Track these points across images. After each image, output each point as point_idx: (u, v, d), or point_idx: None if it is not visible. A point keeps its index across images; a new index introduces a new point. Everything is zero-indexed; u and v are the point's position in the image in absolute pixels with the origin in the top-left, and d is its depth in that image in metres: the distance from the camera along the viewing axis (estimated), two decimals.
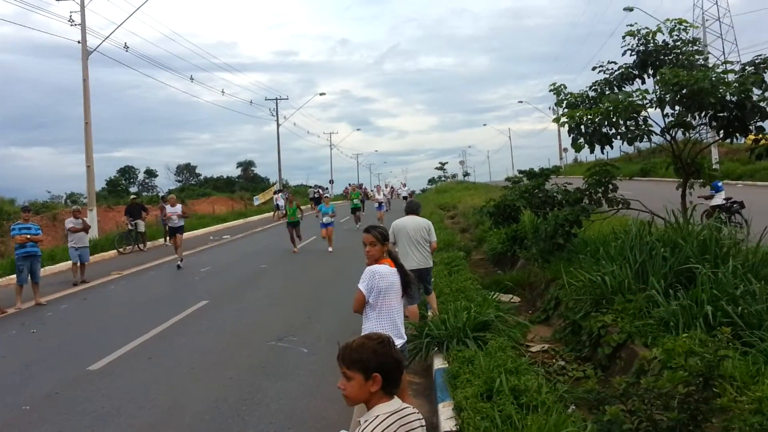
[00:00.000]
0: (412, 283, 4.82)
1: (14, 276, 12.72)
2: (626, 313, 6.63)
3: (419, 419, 2.44)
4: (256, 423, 5.80)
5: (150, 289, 13.90)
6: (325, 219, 19.79)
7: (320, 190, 46.01)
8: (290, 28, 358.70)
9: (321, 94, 60.80)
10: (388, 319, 4.65)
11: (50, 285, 14.52)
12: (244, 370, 7.51)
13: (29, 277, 12.49)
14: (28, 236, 12.57)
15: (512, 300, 9.71)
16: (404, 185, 49.94)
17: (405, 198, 40.81)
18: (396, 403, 2.39)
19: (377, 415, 2.34)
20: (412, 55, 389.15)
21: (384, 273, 4.64)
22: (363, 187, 44.30)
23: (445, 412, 5.29)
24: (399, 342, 4.65)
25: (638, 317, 6.45)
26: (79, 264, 15.50)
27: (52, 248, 20.45)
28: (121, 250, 21.86)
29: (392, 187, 50.22)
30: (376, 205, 27.69)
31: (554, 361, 6.82)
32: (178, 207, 18.54)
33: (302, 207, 22.32)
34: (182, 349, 8.61)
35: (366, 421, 2.34)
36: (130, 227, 22.80)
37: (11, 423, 6.13)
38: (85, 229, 16.24)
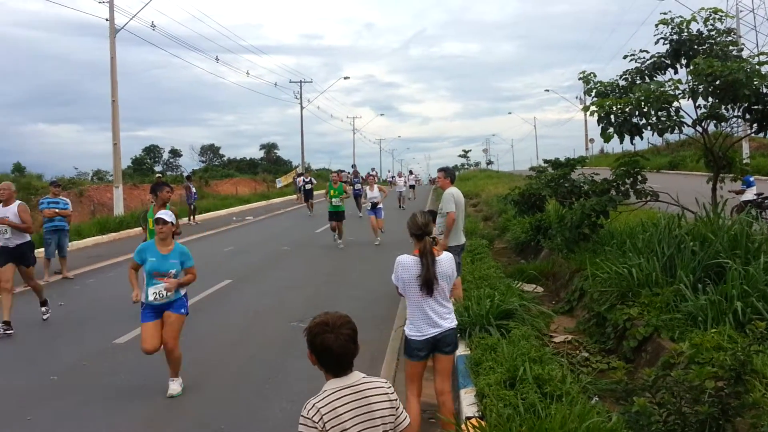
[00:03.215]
0: (435, 280, 4.48)
1: (42, 249, 12.90)
2: (653, 307, 6.55)
3: (381, 392, 2.59)
4: (279, 401, 5.85)
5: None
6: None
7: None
8: (316, 10, 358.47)
9: (345, 78, 60.27)
10: (417, 308, 4.57)
11: (77, 259, 14.73)
12: (267, 349, 7.58)
13: (56, 251, 12.68)
14: (57, 210, 12.74)
15: (536, 290, 9.66)
16: (411, 173, 46.84)
17: (412, 187, 38.87)
18: (347, 379, 2.56)
19: (324, 390, 2.54)
20: (437, 41, 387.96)
21: (407, 264, 4.56)
22: (374, 173, 36.47)
23: (467, 398, 5.28)
24: (432, 331, 4.54)
25: (665, 311, 6.37)
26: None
27: (78, 224, 20.70)
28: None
29: (411, 175, 44.16)
30: (369, 207, 17.99)
31: (578, 352, 6.78)
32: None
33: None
34: (205, 326, 8.70)
35: (315, 394, 2.55)
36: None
37: (39, 392, 6.25)
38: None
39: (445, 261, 4.62)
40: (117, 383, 6.46)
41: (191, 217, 25.31)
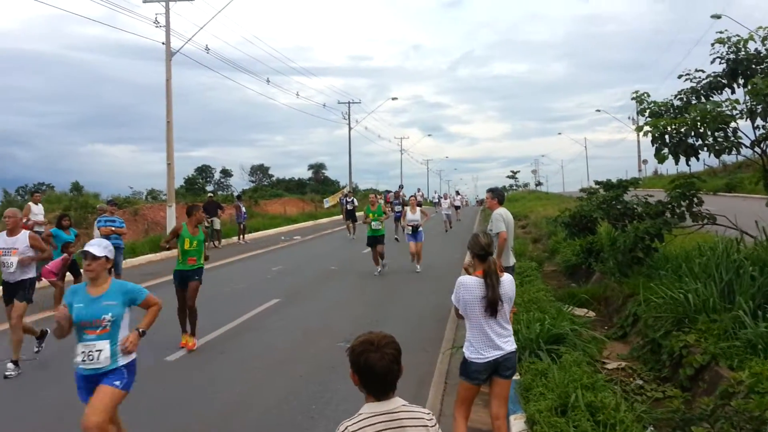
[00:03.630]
0: (501, 302, 4.44)
1: None
2: (710, 334, 6.33)
3: (420, 423, 2.49)
4: (326, 422, 5.83)
5: (224, 285, 14.24)
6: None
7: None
8: (365, 32, 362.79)
9: (393, 99, 60.69)
10: (478, 330, 4.50)
11: (131, 276, 15.08)
12: (314, 369, 7.59)
13: (112, 269, 13.00)
14: (113, 228, 13.12)
15: (587, 314, 9.44)
16: (458, 194, 46.80)
17: (458, 208, 38.86)
18: (387, 404, 2.49)
19: (360, 413, 2.49)
20: (485, 62, 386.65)
21: (469, 285, 4.50)
22: (420, 194, 31.63)
23: (517, 424, 5.19)
24: (494, 353, 4.47)
25: (723, 338, 6.14)
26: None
27: (132, 241, 21.25)
28: None
29: (456, 197, 42.90)
30: (410, 230, 15.72)
31: (632, 379, 6.59)
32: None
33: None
34: (254, 344, 8.79)
35: (351, 416, 2.49)
36: (206, 224, 23.46)
37: None
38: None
39: (507, 283, 4.58)
40: (166, 399, 6.56)
41: (241, 236, 25.72)
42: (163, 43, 24.90)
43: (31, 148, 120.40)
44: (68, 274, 12.09)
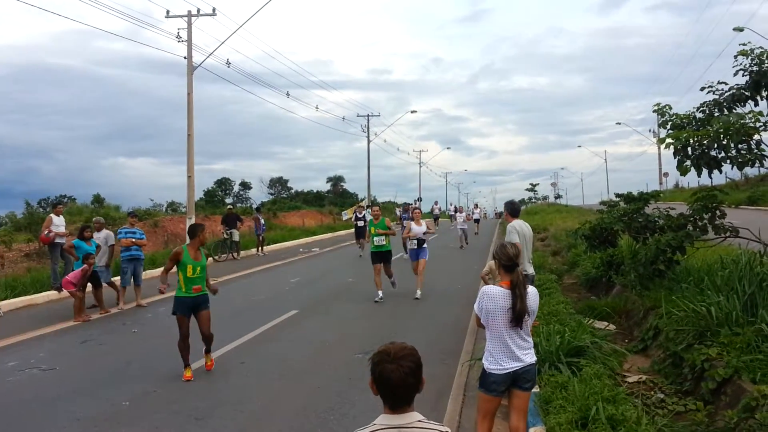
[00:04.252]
0: (527, 314, 4.43)
1: (118, 278, 13.40)
2: (733, 347, 6.24)
3: None
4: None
5: (243, 297, 14.31)
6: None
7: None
8: (385, 46, 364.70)
9: (412, 112, 61.52)
10: (498, 341, 4.47)
11: (150, 287, 15.20)
12: (332, 380, 7.59)
13: (132, 280, 13.13)
14: (134, 240, 13.25)
15: (607, 327, 9.35)
16: (477, 207, 46.45)
17: (477, 221, 38.14)
18: (402, 418, 2.43)
19: (374, 423, 2.45)
20: (505, 75, 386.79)
21: (493, 294, 4.47)
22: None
23: None
24: (513, 365, 4.44)
25: (746, 352, 6.05)
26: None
27: (152, 253, 21.42)
28: (216, 258, 22.62)
29: (475, 209, 41.99)
30: (414, 244, 13.97)
31: (653, 393, 6.50)
32: None
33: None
34: (273, 356, 8.81)
35: (364, 426, 2.46)
36: (225, 236, 23.62)
37: (111, 417, 6.42)
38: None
39: (532, 295, 4.56)
40: (186, 410, 6.57)
41: (260, 248, 25.85)
42: (184, 58, 25.22)
43: (54, 162, 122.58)
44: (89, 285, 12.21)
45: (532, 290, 4.59)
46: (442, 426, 2.49)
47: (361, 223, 24.34)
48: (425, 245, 13.87)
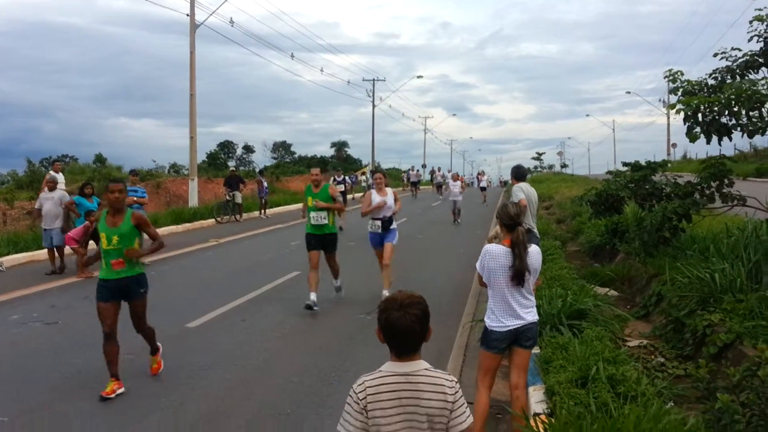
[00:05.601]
0: (528, 272, 4.41)
1: None
2: (736, 313, 6.21)
3: (438, 388, 2.42)
4: (345, 389, 5.78)
5: (245, 258, 14.34)
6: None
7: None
8: (392, 9, 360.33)
9: (418, 77, 60.56)
10: (500, 299, 4.47)
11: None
12: (334, 339, 7.62)
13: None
14: (135, 198, 13.22)
15: (609, 293, 9.34)
16: (483, 173, 45.53)
17: (483, 189, 37.85)
18: (409, 366, 2.45)
19: (380, 370, 2.48)
20: (514, 41, 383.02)
21: (495, 253, 4.45)
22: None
23: (536, 395, 5.16)
24: (515, 323, 4.44)
25: (749, 318, 6.03)
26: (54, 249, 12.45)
27: (155, 213, 21.44)
28: (218, 219, 22.64)
29: (481, 176, 42.45)
30: (377, 226, 9.66)
31: (653, 357, 6.50)
32: None
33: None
34: (274, 315, 8.83)
35: (371, 372, 2.49)
36: (227, 198, 23.60)
37: None
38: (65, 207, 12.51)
39: (534, 254, 4.53)
40: (189, 364, 6.63)
41: (262, 211, 25.84)
42: (187, 15, 24.92)
43: (56, 121, 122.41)
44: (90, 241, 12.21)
45: (534, 249, 4.55)
46: (448, 375, 2.52)
47: (341, 188, 22.28)
48: (393, 226, 9.82)
